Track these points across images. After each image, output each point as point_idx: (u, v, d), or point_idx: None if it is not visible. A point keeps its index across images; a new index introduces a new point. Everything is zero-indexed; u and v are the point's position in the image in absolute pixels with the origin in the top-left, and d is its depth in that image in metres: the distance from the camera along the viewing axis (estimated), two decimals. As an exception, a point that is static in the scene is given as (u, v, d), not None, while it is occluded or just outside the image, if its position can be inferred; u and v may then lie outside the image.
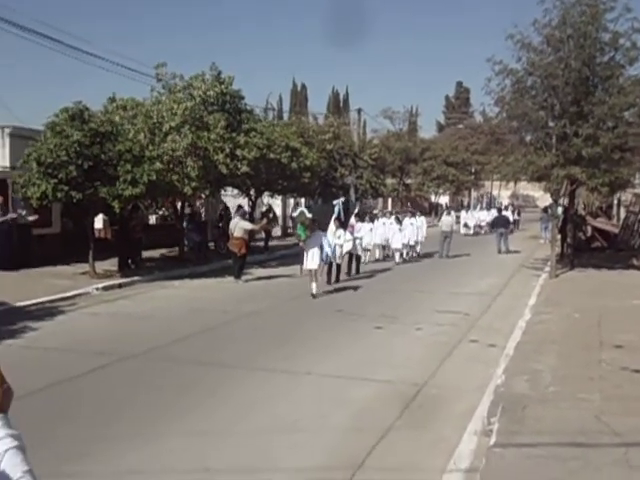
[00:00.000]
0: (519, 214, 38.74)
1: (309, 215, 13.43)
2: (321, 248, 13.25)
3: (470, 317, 11.24)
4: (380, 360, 8.18)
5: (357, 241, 16.54)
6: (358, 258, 16.89)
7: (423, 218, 22.83)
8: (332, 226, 14.13)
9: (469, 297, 13.47)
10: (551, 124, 15.65)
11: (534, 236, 30.32)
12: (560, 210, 18.40)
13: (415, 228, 20.71)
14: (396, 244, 19.88)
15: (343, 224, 14.87)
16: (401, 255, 20.23)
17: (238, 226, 15.28)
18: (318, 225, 13.35)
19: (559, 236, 18.36)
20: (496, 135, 19.52)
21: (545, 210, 28.63)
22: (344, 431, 5.69)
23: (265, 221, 20.58)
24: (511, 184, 29.80)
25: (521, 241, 28.71)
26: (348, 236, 15.51)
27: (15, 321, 9.99)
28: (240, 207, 18.32)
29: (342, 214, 14.66)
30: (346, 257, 16.08)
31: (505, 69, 15.09)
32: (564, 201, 18.53)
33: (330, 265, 14.66)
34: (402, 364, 7.99)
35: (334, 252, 14.08)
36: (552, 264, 16.39)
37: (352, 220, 16.12)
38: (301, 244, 13.39)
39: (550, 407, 5.89)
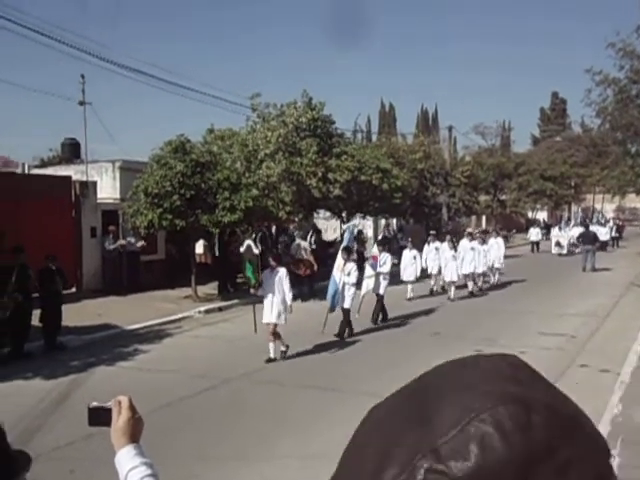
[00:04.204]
0: (618, 230, 35.85)
1: (256, 251, 10.34)
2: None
3: (578, 340, 10.67)
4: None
5: (381, 277, 12.72)
6: (381, 299, 12.81)
7: (500, 239, 19.22)
8: (339, 259, 11.28)
9: (574, 319, 12.79)
10: (661, 134, 14.74)
11: (644, 252, 28.36)
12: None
13: (478, 253, 16.67)
14: (450, 275, 16.05)
15: (355, 255, 12.27)
16: (465, 286, 16.48)
17: (302, 247, 15.73)
18: (279, 260, 10.18)
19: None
20: (598, 147, 18.55)
21: (656, 224, 26.74)
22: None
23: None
24: (616, 197, 28.15)
25: (629, 258, 26.97)
26: (369, 271, 12.49)
27: (127, 344, 10.63)
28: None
29: (354, 243, 12.17)
30: (367, 298, 12.43)
31: (606, 79, 14.40)
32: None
33: (346, 313, 11.32)
34: (507, 390, 7.69)
35: (343, 293, 11.05)
36: (668, 282, 15.26)
37: (374, 249, 12.99)
38: (252, 291, 10.00)
39: (676, 440, 5.45)
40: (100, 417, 1.68)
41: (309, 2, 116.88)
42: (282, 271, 9.62)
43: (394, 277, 14.00)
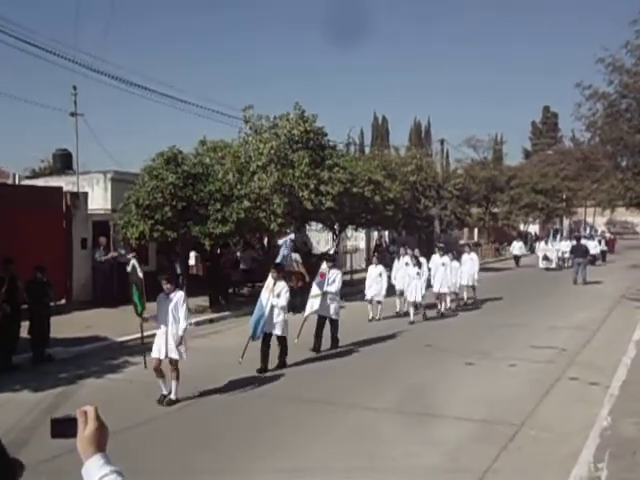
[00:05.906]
0: (607, 244, 35.67)
1: (141, 274, 8.75)
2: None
3: (568, 353, 10.69)
4: (472, 398, 7.92)
5: (329, 297, 10.92)
6: (333, 323, 11.12)
7: (474, 255, 17.85)
8: (269, 278, 9.54)
9: (565, 332, 12.81)
10: (650, 147, 14.90)
11: (635, 265, 28.49)
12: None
13: (450, 270, 15.20)
14: (412, 295, 14.20)
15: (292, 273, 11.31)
16: (417, 307, 14.43)
17: (293, 259, 15.80)
18: (175, 283, 8.53)
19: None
20: (589, 161, 18.72)
21: (646, 236, 26.91)
22: (439, 473, 5.53)
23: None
24: (607, 210, 28.29)
25: (619, 270, 27.09)
26: (315, 290, 10.87)
27: (116, 356, 10.55)
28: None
29: (287, 259, 10.75)
30: (310, 321, 10.92)
31: (596, 93, 14.60)
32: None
33: (265, 340, 9.46)
34: (496, 402, 7.70)
35: (272, 319, 9.37)
36: (658, 295, 15.35)
37: (323, 266, 11.25)
38: (141, 320, 8.71)
39: (664, 453, 5.46)
40: (65, 428, 1.66)
41: (302, 14, 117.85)
42: (178, 295, 8.18)
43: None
